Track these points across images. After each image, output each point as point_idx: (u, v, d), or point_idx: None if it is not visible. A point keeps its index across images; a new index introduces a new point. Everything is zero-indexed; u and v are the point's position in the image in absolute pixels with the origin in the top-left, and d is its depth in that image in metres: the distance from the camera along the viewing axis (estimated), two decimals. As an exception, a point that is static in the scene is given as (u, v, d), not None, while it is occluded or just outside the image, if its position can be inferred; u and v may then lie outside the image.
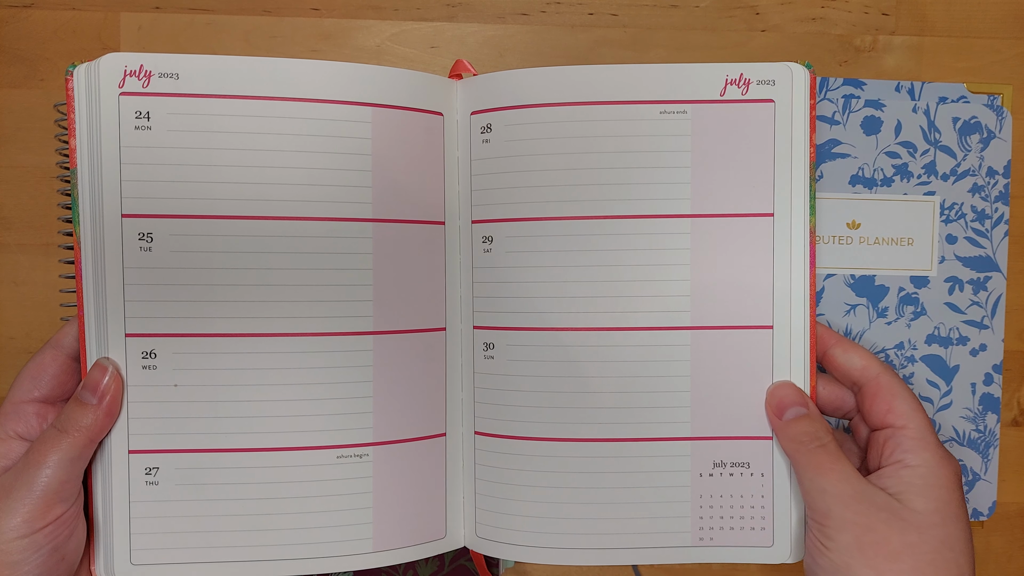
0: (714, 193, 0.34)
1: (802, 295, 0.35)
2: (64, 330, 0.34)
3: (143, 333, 0.33)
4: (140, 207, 0.32)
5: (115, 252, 0.32)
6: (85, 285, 0.33)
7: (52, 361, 0.34)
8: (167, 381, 0.33)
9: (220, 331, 0.33)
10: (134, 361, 0.33)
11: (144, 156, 0.32)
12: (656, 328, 0.35)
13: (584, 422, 0.35)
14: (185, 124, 0.33)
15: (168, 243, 0.33)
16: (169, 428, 0.33)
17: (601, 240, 0.34)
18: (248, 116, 0.33)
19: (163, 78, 0.32)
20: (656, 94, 0.34)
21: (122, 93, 0.32)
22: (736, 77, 0.34)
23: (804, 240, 0.35)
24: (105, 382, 0.32)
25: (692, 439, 0.35)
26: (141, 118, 0.32)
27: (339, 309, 0.34)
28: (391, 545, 0.35)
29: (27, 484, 0.30)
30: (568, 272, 0.35)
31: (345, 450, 0.34)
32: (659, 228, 0.35)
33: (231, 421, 0.33)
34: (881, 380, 0.34)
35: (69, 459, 0.31)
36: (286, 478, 0.34)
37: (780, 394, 0.34)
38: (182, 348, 0.33)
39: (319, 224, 0.34)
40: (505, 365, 0.35)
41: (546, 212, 0.34)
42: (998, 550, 0.44)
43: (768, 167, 0.34)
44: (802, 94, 0.34)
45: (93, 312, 0.33)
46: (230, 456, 0.34)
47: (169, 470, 0.33)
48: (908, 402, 0.33)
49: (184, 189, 0.33)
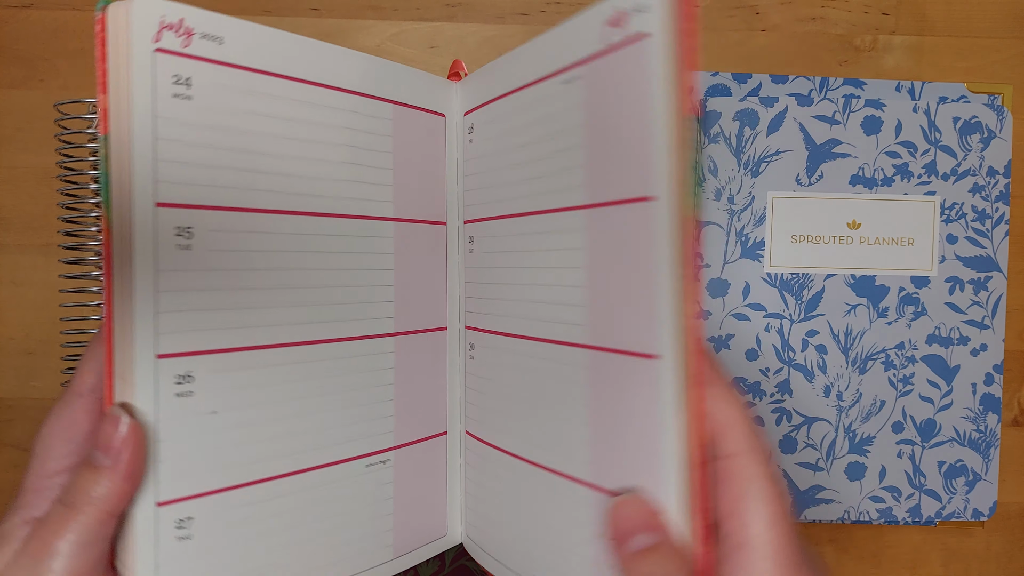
0: (607, 176, 0.26)
1: (682, 321, 0.23)
2: (83, 372, 0.26)
3: (178, 352, 0.26)
4: (178, 195, 0.26)
5: (147, 250, 0.25)
6: (118, 293, 0.25)
7: (84, 413, 0.26)
8: (205, 408, 0.26)
9: (259, 343, 0.28)
10: (167, 389, 0.25)
11: (183, 132, 0.26)
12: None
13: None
14: (227, 99, 0.27)
15: (207, 240, 0.26)
16: (206, 465, 0.27)
17: (553, 238, 0.29)
18: (289, 100, 0.29)
19: (205, 40, 0.26)
20: (560, 62, 0.28)
21: (157, 49, 0.25)
22: (611, 15, 0.25)
23: (675, 229, 0.23)
24: (120, 437, 0.24)
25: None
26: (180, 84, 0.26)
27: (366, 311, 0.32)
28: (407, 549, 0.34)
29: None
30: (528, 274, 0.30)
31: (372, 458, 0.32)
32: (557, 225, 0.29)
33: (268, 445, 0.28)
34: (737, 464, 0.24)
35: (83, 544, 0.23)
36: (317, 498, 0.30)
37: (622, 514, 0.24)
38: (220, 366, 0.27)
39: (350, 222, 0.31)
40: (480, 367, 0.35)
41: (507, 210, 0.32)
42: (998, 550, 0.44)
43: (646, 131, 0.24)
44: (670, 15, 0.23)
45: (122, 330, 0.25)
46: (265, 487, 0.28)
47: (206, 518, 0.26)
48: (765, 507, 0.23)
49: (223, 176, 0.27)
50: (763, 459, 0.24)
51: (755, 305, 0.41)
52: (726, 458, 0.24)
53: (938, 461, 0.41)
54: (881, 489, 0.41)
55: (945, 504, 0.41)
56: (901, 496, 0.41)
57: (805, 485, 0.41)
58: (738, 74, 0.42)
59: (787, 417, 0.41)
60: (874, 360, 0.41)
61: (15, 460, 0.43)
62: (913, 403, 0.41)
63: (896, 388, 0.41)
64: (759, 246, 0.41)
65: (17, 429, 0.43)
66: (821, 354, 0.41)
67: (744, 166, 0.41)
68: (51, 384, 0.43)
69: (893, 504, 0.41)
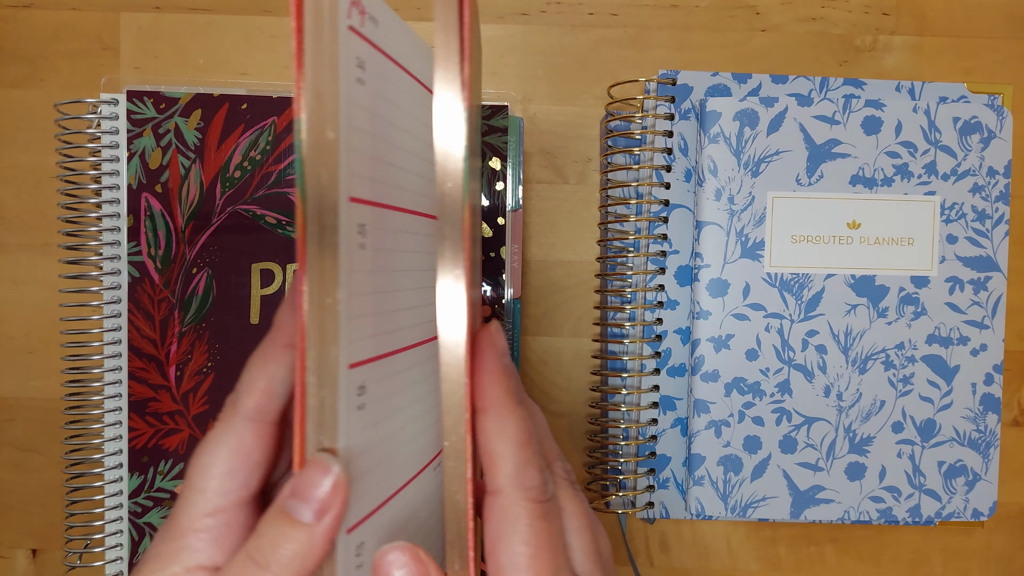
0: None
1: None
2: (251, 392, 0.22)
3: (361, 361, 0.22)
4: (362, 189, 0.22)
5: (346, 249, 0.22)
6: (315, 296, 0.21)
7: (256, 440, 0.22)
8: (371, 421, 0.23)
9: (402, 345, 0.26)
10: (351, 403, 0.22)
11: (362, 121, 0.23)
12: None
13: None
14: (382, 88, 0.24)
15: (375, 239, 0.23)
16: (374, 485, 0.24)
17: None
18: (408, 94, 0.27)
19: (371, 21, 0.23)
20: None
21: (349, 27, 0.22)
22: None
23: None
24: (326, 491, 0.20)
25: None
26: (359, 67, 0.22)
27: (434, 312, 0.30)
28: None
29: None
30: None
31: (435, 460, 0.29)
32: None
33: (400, 458, 0.25)
34: (498, 502, 0.22)
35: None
36: (410, 510, 0.27)
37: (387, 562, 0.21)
38: (380, 374, 0.24)
39: (432, 222, 0.29)
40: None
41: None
42: (998, 550, 0.44)
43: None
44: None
45: (320, 340, 0.21)
46: (390, 507, 0.25)
47: (371, 543, 0.23)
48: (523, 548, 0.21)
49: (381, 171, 0.24)
50: (525, 497, 0.21)
51: (755, 305, 0.41)
52: (491, 494, 0.22)
53: (938, 461, 0.41)
54: (881, 489, 0.41)
55: (945, 504, 0.41)
56: (901, 496, 0.41)
57: (805, 485, 0.41)
58: (738, 74, 0.42)
59: (787, 417, 0.41)
60: (874, 360, 0.41)
61: (15, 460, 0.43)
62: (913, 403, 0.41)
63: (896, 388, 0.41)
64: (759, 246, 0.41)
65: (17, 429, 0.43)
66: (821, 354, 0.41)
67: (744, 166, 0.41)
68: (51, 384, 0.43)
69: (893, 504, 0.41)
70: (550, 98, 0.44)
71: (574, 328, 0.44)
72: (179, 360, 0.40)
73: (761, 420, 0.41)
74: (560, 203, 0.44)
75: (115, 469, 0.40)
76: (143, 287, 0.40)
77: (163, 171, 0.40)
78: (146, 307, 0.40)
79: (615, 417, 0.43)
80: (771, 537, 0.45)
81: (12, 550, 0.44)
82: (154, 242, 0.40)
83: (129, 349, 0.40)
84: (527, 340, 0.44)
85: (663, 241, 0.42)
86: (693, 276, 0.41)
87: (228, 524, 0.21)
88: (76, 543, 0.40)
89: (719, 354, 0.41)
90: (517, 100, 0.43)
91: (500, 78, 0.44)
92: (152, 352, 0.40)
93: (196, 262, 0.40)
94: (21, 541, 0.44)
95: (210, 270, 0.40)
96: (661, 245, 0.42)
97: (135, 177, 0.40)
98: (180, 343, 0.40)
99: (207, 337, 0.40)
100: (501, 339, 0.22)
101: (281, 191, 0.40)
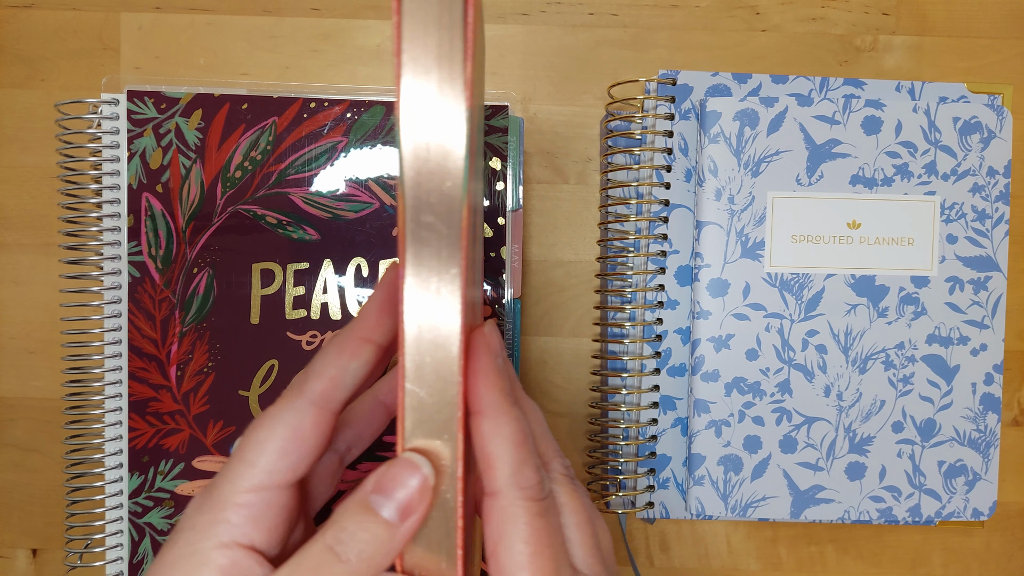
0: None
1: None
2: (320, 376, 0.22)
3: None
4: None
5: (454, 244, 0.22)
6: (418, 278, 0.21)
7: (315, 426, 0.22)
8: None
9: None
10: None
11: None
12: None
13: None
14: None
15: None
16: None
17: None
18: None
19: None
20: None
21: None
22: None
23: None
24: (411, 491, 0.20)
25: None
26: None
27: None
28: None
29: None
30: None
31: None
32: None
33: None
34: (497, 503, 0.21)
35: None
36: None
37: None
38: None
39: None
40: None
41: None
42: (998, 550, 0.44)
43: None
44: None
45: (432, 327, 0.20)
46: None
47: None
48: (523, 547, 0.21)
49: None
50: (523, 496, 0.21)
51: (755, 305, 0.41)
52: (490, 496, 0.22)
53: (938, 461, 0.41)
54: (881, 489, 0.41)
55: (945, 504, 0.41)
56: (901, 496, 0.41)
57: (805, 485, 0.41)
58: (738, 74, 0.42)
59: (787, 417, 0.41)
60: (874, 360, 0.41)
61: (16, 460, 0.43)
62: (913, 403, 0.41)
63: (896, 388, 0.41)
64: (759, 246, 0.41)
65: (17, 429, 0.43)
66: (821, 354, 0.41)
67: (744, 166, 0.41)
68: (51, 384, 0.43)
69: (893, 504, 0.41)
70: (550, 98, 0.44)
71: (574, 328, 0.44)
72: (180, 360, 0.40)
73: (761, 420, 0.41)
74: (560, 203, 0.44)
75: (115, 469, 0.40)
76: (144, 287, 0.40)
77: (164, 171, 0.40)
78: (147, 307, 0.40)
79: (615, 417, 0.43)
80: (771, 537, 0.45)
81: (12, 550, 0.44)
82: (155, 242, 0.40)
83: (130, 349, 0.40)
84: (527, 340, 0.44)
85: (663, 241, 0.42)
86: (693, 276, 0.41)
87: (269, 504, 0.21)
88: (76, 543, 0.40)
89: (719, 354, 0.41)
90: (517, 100, 0.43)
91: (500, 78, 0.44)
92: (153, 352, 0.40)
93: (197, 262, 0.40)
94: (21, 541, 0.44)
95: (211, 270, 0.40)
96: (661, 245, 0.42)
97: (136, 177, 0.40)
98: (181, 343, 0.40)
99: (208, 337, 0.40)
100: (496, 339, 0.22)
101: (282, 191, 0.40)
